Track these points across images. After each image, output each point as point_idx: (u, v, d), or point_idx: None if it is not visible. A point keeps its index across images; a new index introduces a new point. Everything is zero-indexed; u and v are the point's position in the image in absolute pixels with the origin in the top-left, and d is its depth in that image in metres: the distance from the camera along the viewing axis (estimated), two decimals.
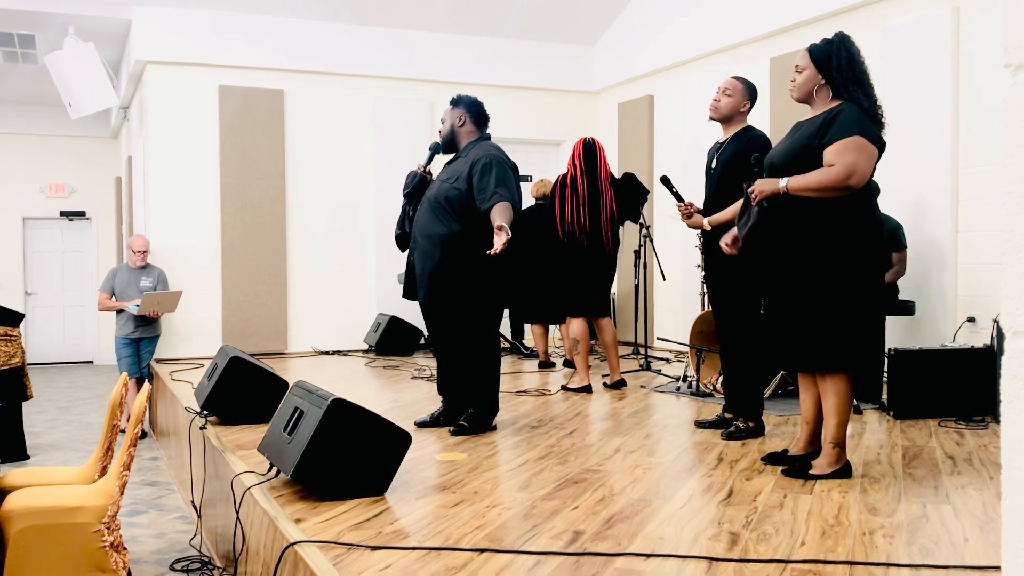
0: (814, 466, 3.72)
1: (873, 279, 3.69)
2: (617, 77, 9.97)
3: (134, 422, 3.88)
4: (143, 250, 7.97)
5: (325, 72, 9.26)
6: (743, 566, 2.66)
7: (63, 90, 8.87)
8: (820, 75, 3.72)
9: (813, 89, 3.75)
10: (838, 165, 3.53)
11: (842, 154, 3.54)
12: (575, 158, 6.24)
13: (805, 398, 3.92)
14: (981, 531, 3.00)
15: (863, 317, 3.65)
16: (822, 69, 3.72)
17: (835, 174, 3.53)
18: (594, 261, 6.21)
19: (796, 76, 3.79)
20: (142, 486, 6.12)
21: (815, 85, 3.74)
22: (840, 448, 3.72)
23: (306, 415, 3.58)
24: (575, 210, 6.11)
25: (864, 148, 3.55)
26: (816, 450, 3.92)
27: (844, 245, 3.62)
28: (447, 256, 4.72)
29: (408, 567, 2.69)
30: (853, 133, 3.55)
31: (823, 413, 3.76)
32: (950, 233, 6.35)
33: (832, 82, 3.71)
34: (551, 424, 5.11)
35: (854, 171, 3.52)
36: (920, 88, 6.51)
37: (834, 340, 3.62)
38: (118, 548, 3.81)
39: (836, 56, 3.70)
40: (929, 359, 5.24)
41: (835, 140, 3.57)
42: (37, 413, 9.11)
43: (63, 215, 13.52)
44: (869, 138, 3.57)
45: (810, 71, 3.74)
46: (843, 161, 3.53)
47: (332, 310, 9.26)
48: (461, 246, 4.71)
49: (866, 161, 3.55)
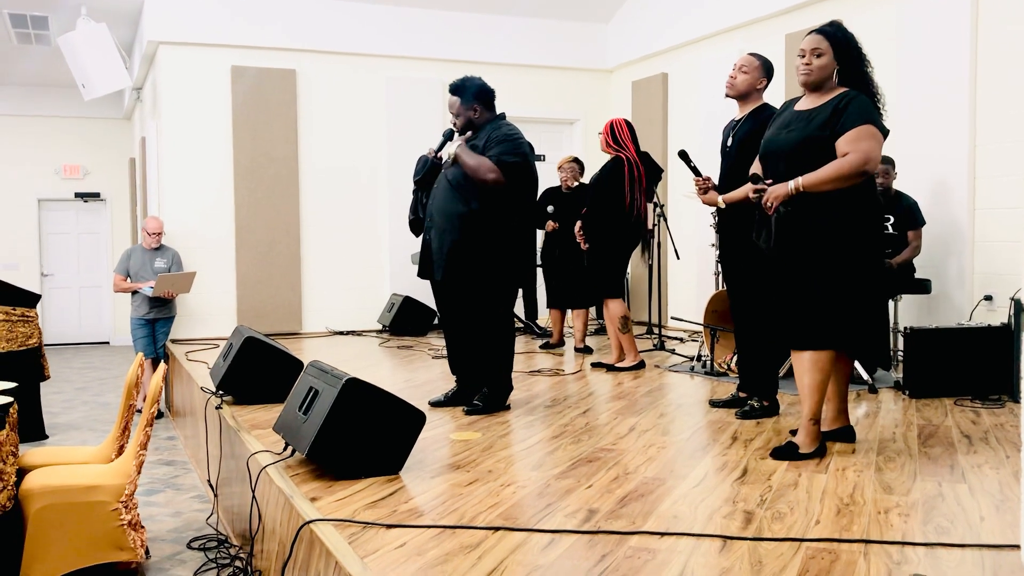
0: (800, 445, 3.73)
1: (865, 259, 3.68)
2: (631, 55, 9.90)
3: (150, 402, 3.91)
4: (157, 232, 8.00)
5: (337, 52, 9.24)
6: (757, 544, 2.66)
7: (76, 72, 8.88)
8: (836, 61, 3.68)
9: (829, 75, 3.70)
10: (853, 153, 3.54)
11: (856, 142, 3.55)
12: (626, 139, 6.12)
13: None
14: (997, 510, 2.99)
15: (850, 296, 3.64)
16: (840, 54, 3.68)
17: (852, 163, 3.53)
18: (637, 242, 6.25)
19: (812, 60, 3.70)
20: (159, 465, 6.17)
21: (833, 71, 3.70)
22: (817, 425, 3.74)
23: (321, 395, 3.59)
24: (641, 193, 6.06)
25: (876, 136, 3.59)
26: (846, 426, 3.95)
27: (837, 226, 3.61)
28: (464, 234, 4.71)
29: (423, 545, 2.70)
30: (865, 121, 3.57)
31: (800, 390, 3.75)
32: (967, 211, 6.29)
33: (844, 69, 3.68)
34: (565, 404, 5.11)
35: (869, 158, 3.54)
36: (938, 63, 6.44)
37: (815, 319, 3.63)
38: (136, 526, 3.85)
39: (852, 42, 3.69)
40: (945, 337, 5.21)
41: (848, 128, 3.57)
42: (54, 393, 9.18)
43: (78, 196, 13.57)
44: (877, 127, 3.60)
45: (829, 56, 3.68)
46: (858, 148, 3.54)
47: (346, 290, 9.28)
48: (478, 225, 4.70)
49: (878, 148, 3.59)
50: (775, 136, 3.83)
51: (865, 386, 5.41)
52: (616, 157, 6.12)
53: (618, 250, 6.19)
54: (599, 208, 6.17)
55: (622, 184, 6.06)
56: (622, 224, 6.10)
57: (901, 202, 6.29)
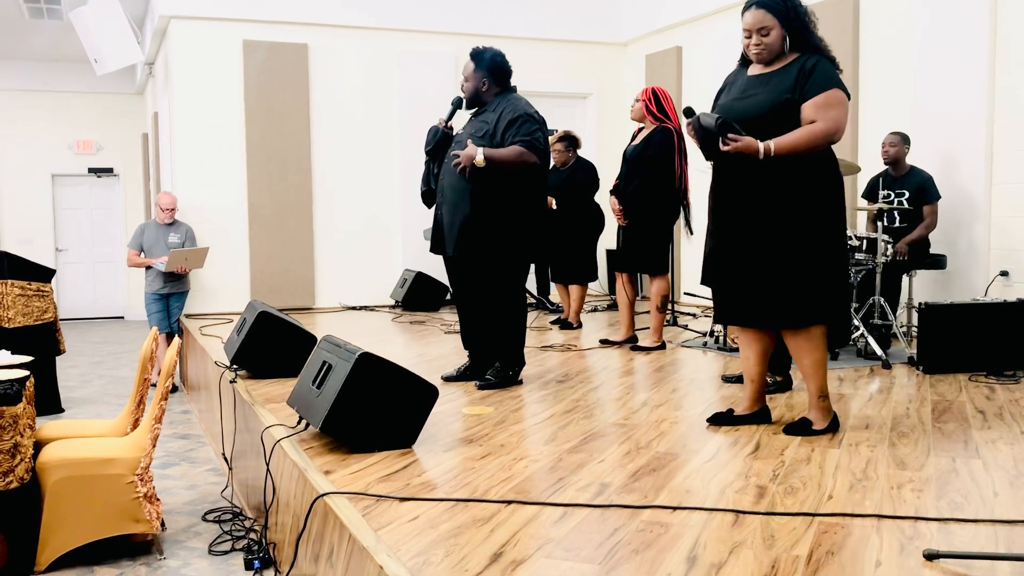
0: (813, 421, 3.70)
1: (840, 230, 3.64)
2: (645, 28, 9.82)
3: (164, 376, 3.93)
4: (171, 207, 8.01)
5: (349, 26, 9.19)
6: (770, 519, 2.66)
7: (88, 46, 8.88)
8: (783, 28, 3.58)
9: (781, 46, 3.60)
10: (822, 121, 3.47)
11: (825, 109, 3.48)
12: (672, 110, 5.91)
13: (748, 355, 3.84)
14: (1011, 486, 2.98)
15: (833, 267, 3.59)
16: (785, 22, 3.57)
17: (823, 131, 3.47)
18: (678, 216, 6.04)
19: (762, 40, 3.58)
20: (174, 439, 6.22)
21: (783, 40, 3.60)
22: (828, 400, 3.72)
23: (334, 369, 3.60)
24: (686, 165, 5.87)
25: (843, 102, 3.53)
26: (762, 408, 3.90)
27: (812, 198, 3.55)
28: (476, 209, 4.70)
29: (436, 518, 2.72)
30: (832, 87, 3.50)
31: (803, 370, 3.69)
32: (983, 185, 6.24)
33: (792, 32, 3.58)
34: (577, 379, 5.11)
35: (839, 126, 3.49)
36: (955, 37, 6.36)
37: (809, 295, 3.56)
38: (151, 499, 3.89)
39: (797, 8, 3.59)
40: (960, 313, 5.18)
41: (814, 93, 3.49)
42: (70, 368, 9.25)
43: (91, 172, 13.61)
44: (843, 90, 3.54)
45: (777, 30, 3.57)
46: (827, 117, 3.48)
47: (359, 266, 9.30)
48: (490, 199, 4.69)
49: (846, 115, 3.53)
50: (733, 103, 3.70)
51: (879, 361, 5.40)
52: (664, 128, 5.87)
53: (665, 225, 5.98)
54: (644, 182, 5.89)
55: (671, 157, 5.84)
56: (670, 198, 5.91)
57: (915, 177, 6.24)
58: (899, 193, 6.23)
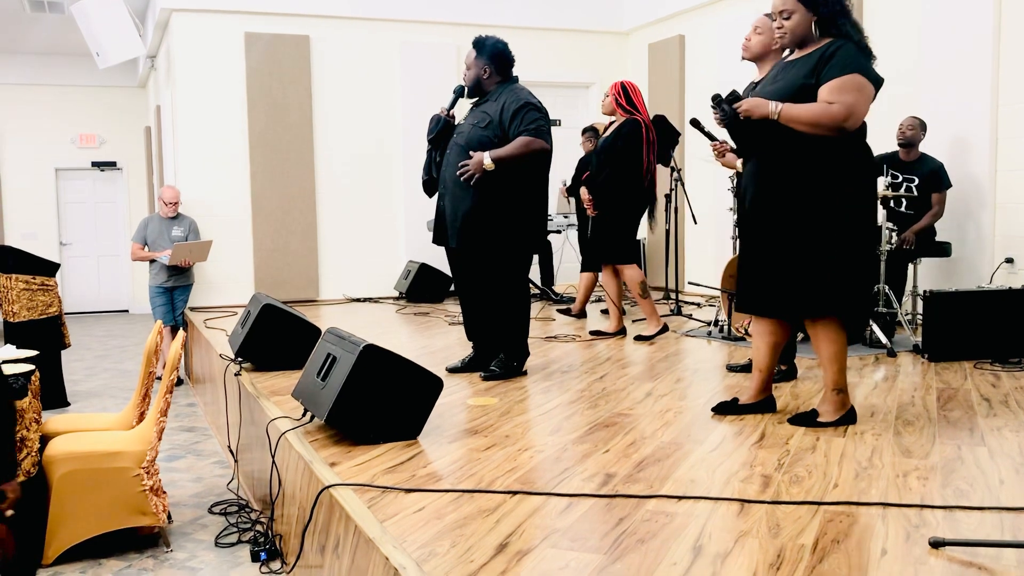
0: (821, 413, 3.68)
1: (865, 220, 3.57)
2: (647, 17, 9.78)
3: (169, 369, 3.94)
4: (174, 201, 8.01)
5: (351, 17, 9.17)
6: (775, 508, 2.66)
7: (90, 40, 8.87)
8: (810, 13, 3.52)
9: (807, 31, 3.54)
10: (837, 105, 3.38)
11: (841, 93, 3.39)
12: (640, 102, 6.02)
13: (760, 345, 3.82)
14: (1017, 473, 2.98)
15: (855, 259, 3.53)
16: (811, 7, 3.51)
17: (833, 113, 3.38)
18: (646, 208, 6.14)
19: (783, 23, 3.55)
20: (180, 432, 6.24)
21: (809, 26, 3.54)
22: (844, 394, 3.67)
23: (339, 361, 3.61)
24: (654, 157, 5.96)
25: (863, 88, 3.41)
26: (767, 397, 3.89)
27: (839, 190, 3.48)
28: (478, 200, 4.69)
29: (441, 509, 2.72)
30: (852, 71, 3.41)
31: (822, 360, 3.66)
32: (988, 172, 6.22)
33: (822, 18, 3.51)
34: (581, 369, 5.11)
35: (852, 112, 3.38)
36: (960, 22, 6.33)
37: (829, 284, 3.50)
38: (157, 492, 3.90)
39: None
40: (965, 301, 5.17)
41: (832, 77, 3.41)
42: (75, 361, 9.28)
43: (94, 165, 13.61)
44: (867, 76, 3.44)
45: (800, 13, 3.52)
46: (843, 101, 3.38)
47: (362, 257, 9.30)
48: (492, 191, 4.68)
49: (864, 102, 3.42)
50: (763, 89, 3.69)
51: (884, 350, 5.39)
52: (632, 120, 5.97)
53: (631, 216, 6.09)
54: (613, 173, 6.01)
55: (639, 148, 5.94)
56: (637, 189, 6.01)
57: (926, 164, 6.21)
58: (908, 178, 6.20)
